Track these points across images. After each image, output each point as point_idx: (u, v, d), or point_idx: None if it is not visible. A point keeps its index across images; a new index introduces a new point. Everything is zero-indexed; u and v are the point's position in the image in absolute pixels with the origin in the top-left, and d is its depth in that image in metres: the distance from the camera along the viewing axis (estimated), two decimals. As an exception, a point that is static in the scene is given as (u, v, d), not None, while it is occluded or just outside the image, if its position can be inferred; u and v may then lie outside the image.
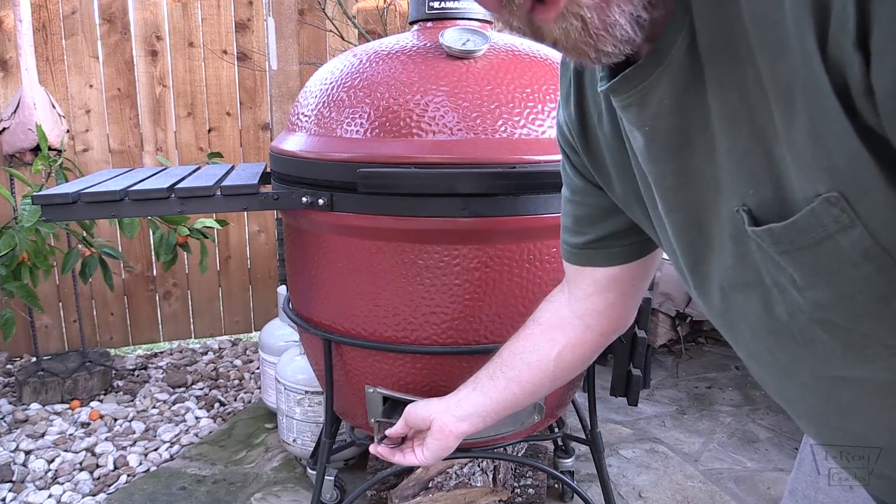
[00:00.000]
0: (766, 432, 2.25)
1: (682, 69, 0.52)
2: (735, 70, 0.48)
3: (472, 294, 1.27)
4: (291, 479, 1.96)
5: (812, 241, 0.47)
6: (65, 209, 1.24)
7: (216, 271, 3.06)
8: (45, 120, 2.44)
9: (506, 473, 1.73)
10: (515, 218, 1.23)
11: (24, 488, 1.93)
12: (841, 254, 0.46)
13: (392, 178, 1.19)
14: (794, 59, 0.42)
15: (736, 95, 0.48)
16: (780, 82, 0.44)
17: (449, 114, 1.22)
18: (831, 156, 0.43)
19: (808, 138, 0.44)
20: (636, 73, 0.55)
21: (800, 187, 0.46)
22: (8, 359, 2.80)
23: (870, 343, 0.51)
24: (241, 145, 3.01)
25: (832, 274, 0.48)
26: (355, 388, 1.42)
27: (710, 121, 0.52)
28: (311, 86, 1.41)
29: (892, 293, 0.46)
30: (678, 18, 0.51)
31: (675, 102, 0.54)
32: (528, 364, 0.94)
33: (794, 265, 0.50)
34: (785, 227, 0.47)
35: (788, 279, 0.51)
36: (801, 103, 0.43)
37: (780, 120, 0.45)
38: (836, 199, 0.44)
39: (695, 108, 0.53)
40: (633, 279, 0.85)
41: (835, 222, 0.45)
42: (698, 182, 0.57)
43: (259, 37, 2.95)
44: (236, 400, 2.50)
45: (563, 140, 0.79)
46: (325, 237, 1.34)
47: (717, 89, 0.50)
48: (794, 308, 0.53)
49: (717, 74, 0.49)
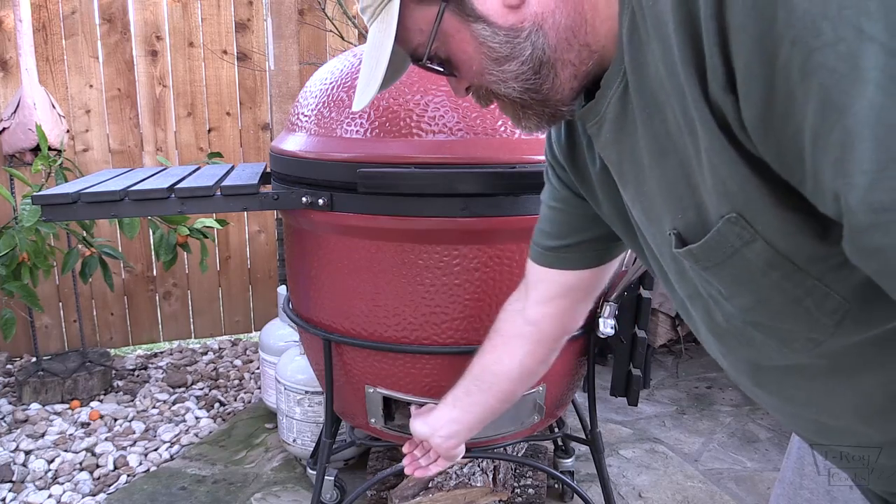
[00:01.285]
0: (766, 432, 2.25)
1: (618, 110, 0.61)
2: (659, 111, 0.55)
3: (471, 294, 1.27)
4: (291, 479, 1.96)
5: (724, 256, 0.53)
6: (65, 209, 1.24)
7: (216, 271, 3.06)
8: (45, 120, 2.44)
9: (506, 473, 1.73)
10: (515, 218, 1.23)
11: (24, 488, 1.93)
12: (749, 265, 0.52)
13: (392, 178, 1.19)
14: (690, 102, 0.49)
15: (662, 131, 0.55)
16: (687, 120, 0.51)
17: (449, 114, 1.22)
18: (726, 182, 0.49)
19: (708, 168, 0.50)
20: (593, 106, 0.64)
21: (713, 211, 0.53)
22: (8, 359, 2.80)
23: (796, 337, 0.56)
24: (241, 145, 3.01)
25: (747, 283, 0.54)
26: (355, 388, 1.42)
27: (641, 156, 0.60)
28: (311, 86, 1.41)
29: (802, 294, 0.52)
30: (616, 66, 0.59)
31: (614, 138, 0.63)
32: (496, 375, 1.02)
33: (717, 279, 0.56)
34: (700, 246, 0.54)
35: (716, 290, 0.58)
36: (701, 139, 0.50)
37: (692, 153, 0.52)
38: (736, 219, 0.50)
39: (627, 144, 0.61)
40: (591, 286, 0.93)
41: (738, 238, 0.51)
42: (640, 208, 0.65)
43: (259, 37, 2.95)
44: (236, 400, 2.50)
45: (550, 153, 0.85)
46: (325, 237, 1.34)
47: (646, 127, 0.57)
48: (728, 314, 0.59)
49: (646, 114, 0.57)
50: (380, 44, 0.66)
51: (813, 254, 0.50)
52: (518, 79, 0.64)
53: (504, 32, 0.62)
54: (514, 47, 0.62)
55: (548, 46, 0.62)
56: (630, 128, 0.60)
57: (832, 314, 0.52)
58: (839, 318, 0.52)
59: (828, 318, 0.53)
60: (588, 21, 0.61)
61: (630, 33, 0.55)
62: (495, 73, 0.65)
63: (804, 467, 0.86)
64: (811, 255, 0.50)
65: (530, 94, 0.65)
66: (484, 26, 0.62)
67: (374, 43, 0.67)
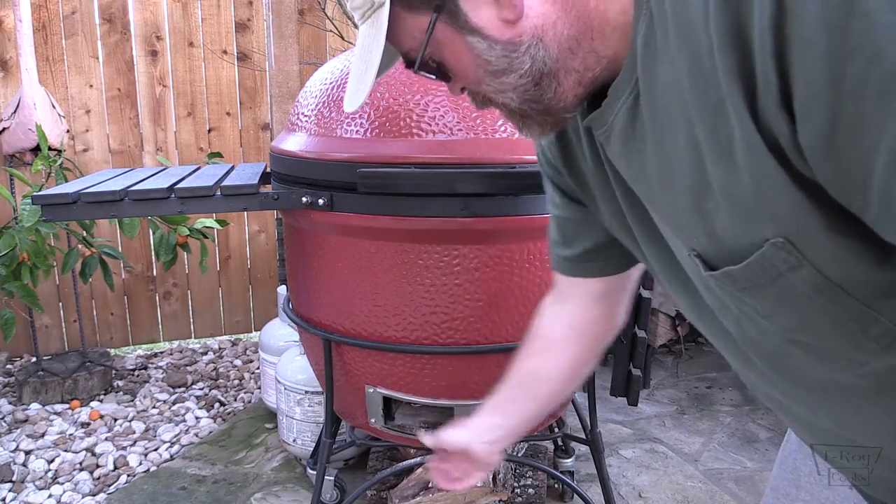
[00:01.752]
0: (766, 432, 2.25)
1: (626, 123, 0.57)
2: (669, 130, 0.51)
3: (472, 294, 1.27)
4: (291, 479, 1.96)
5: (767, 279, 0.51)
6: (65, 209, 1.24)
7: (216, 271, 3.06)
8: (45, 120, 2.44)
9: (506, 473, 1.73)
10: (515, 218, 1.23)
11: (24, 488, 1.93)
12: (794, 289, 0.50)
13: (392, 178, 1.19)
14: (732, 119, 0.45)
15: (671, 151, 0.52)
16: (720, 139, 0.47)
17: (449, 114, 1.22)
18: (773, 205, 0.46)
19: (750, 190, 0.47)
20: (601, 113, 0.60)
21: (743, 234, 0.50)
22: (8, 359, 2.80)
23: (838, 357, 0.54)
24: (241, 145, 3.01)
25: (791, 305, 0.52)
26: (355, 388, 1.42)
27: (650, 173, 0.57)
28: (311, 86, 1.41)
29: (849, 318, 0.50)
30: (627, 74, 0.55)
31: (622, 150, 0.59)
32: (541, 381, 1.00)
33: (756, 300, 0.54)
34: (741, 269, 0.51)
35: (753, 309, 0.55)
36: (740, 160, 0.46)
37: (719, 175, 0.49)
38: (783, 244, 0.48)
39: (635, 158, 0.58)
40: (624, 285, 0.89)
41: (784, 263, 0.49)
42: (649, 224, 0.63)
43: (259, 37, 2.95)
44: (236, 400, 2.50)
45: (544, 159, 0.83)
46: (325, 237, 1.34)
47: (655, 145, 0.54)
48: (764, 331, 0.56)
49: (655, 132, 0.53)
50: (369, 48, 0.63)
51: (864, 280, 0.48)
52: (517, 90, 0.60)
53: (501, 46, 0.58)
54: (512, 61, 0.58)
55: (549, 58, 0.58)
56: (639, 143, 0.56)
57: (879, 339, 0.50)
58: (887, 343, 0.50)
59: (874, 343, 0.51)
60: (595, 28, 0.57)
61: (646, 41, 0.51)
62: (493, 84, 0.61)
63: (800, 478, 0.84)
64: (862, 280, 0.48)
65: (530, 105, 0.62)
66: (479, 39, 0.58)
67: (363, 46, 0.64)
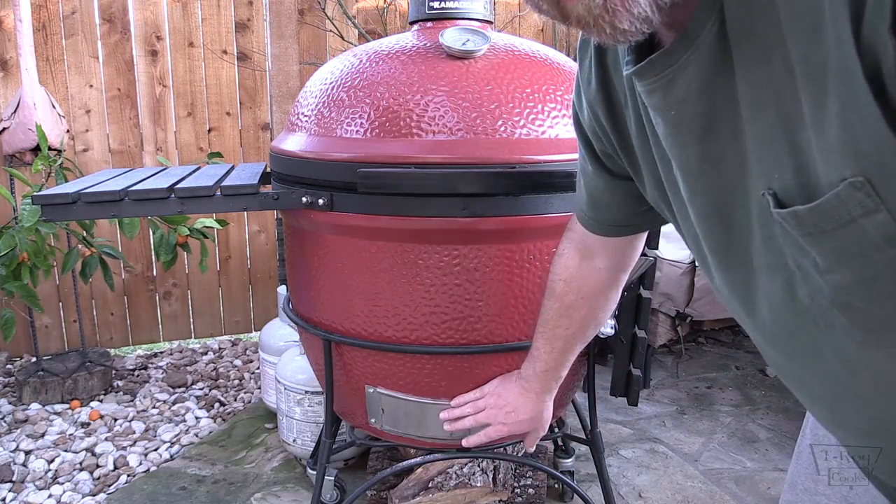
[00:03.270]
0: (766, 432, 2.25)
1: (712, 53, 0.53)
2: (764, 55, 0.48)
3: (472, 294, 1.27)
4: (291, 479, 1.96)
5: (836, 224, 0.47)
6: (65, 209, 1.24)
7: (216, 271, 3.06)
8: (45, 120, 2.44)
9: (506, 473, 1.73)
10: (515, 218, 1.23)
11: (24, 488, 1.93)
12: (864, 238, 0.47)
13: (392, 178, 1.19)
14: (828, 42, 0.42)
15: (763, 80, 0.49)
16: (813, 66, 0.44)
17: (449, 114, 1.22)
18: (859, 141, 0.43)
19: (837, 123, 0.44)
20: (663, 58, 0.56)
21: (824, 172, 0.46)
22: (8, 359, 2.80)
23: (889, 327, 0.51)
24: (241, 145, 3.01)
25: (854, 258, 0.49)
26: (355, 388, 1.42)
27: (738, 105, 0.53)
28: (311, 86, 1.41)
29: None
30: (708, 3, 0.52)
31: (703, 87, 0.55)
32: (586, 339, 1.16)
33: (818, 248, 0.50)
34: (809, 210, 0.48)
35: (811, 262, 0.52)
36: (832, 88, 0.43)
37: (809, 104, 0.46)
38: (862, 184, 0.44)
39: (722, 92, 0.54)
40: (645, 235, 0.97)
41: (859, 206, 0.45)
42: (723, 166, 0.57)
43: (259, 37, 2.95)
44: (236, 400, 2.50)
45: (582, 122, 0.81)
46: (325, 237, 1.34)
47: (746, 74, 0.51)
48: (816, 291, 0.54)
49: (746, 59, 0.50)
50: None
51: None
52: None
53: None
54: None
55: None
56: (725, 74, 0.53)
57: None
58: None
59: None
60: None
61: None
62: None
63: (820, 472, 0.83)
64: None
65: None
66: None
67: None
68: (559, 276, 1.07)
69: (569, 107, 1.29)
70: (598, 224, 0.92)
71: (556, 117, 1.27)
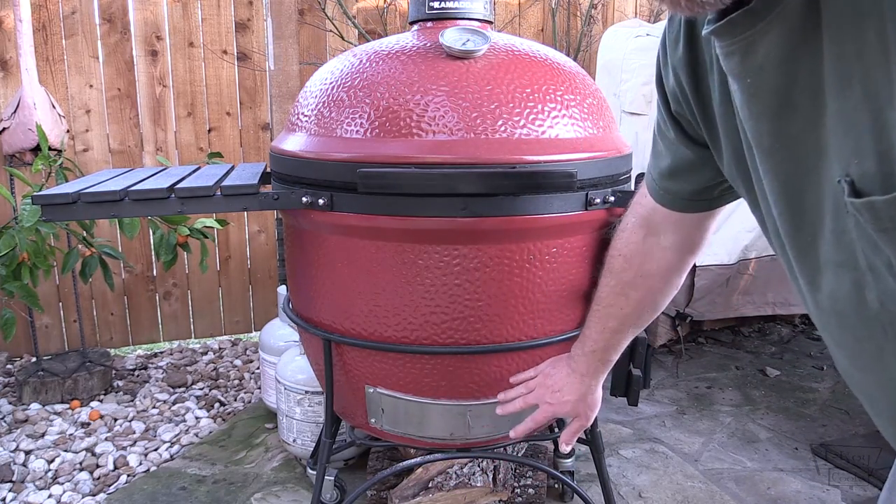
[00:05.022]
0: (766, 432, 2.25)
1: (798, 19, 0.48)
2: (857, 25, 0.44)
3: (472, 294, 1.27)
4: (291, 479, 1.96)
5: None
6: (65, 209, 1.23)
7: (216, 271, 3.06)
8: (45, 120, 2.44)
9: (506, 473, 1.73)
10: (515, 218, 1.23)
11: (24, 488, 1.93)
12: None
13: (392, 178, 1.19)
14: None
15: (853, 55, 0.44)
16: None
17: (449, 114, 1.22)
18: None
19: None
20: (744, 17, 0.51)
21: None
22: (8, 359, 2.80)
23: None
24: (241, 145, 3.01)
25: None
26: (355, 388, 1.42)
27: (822, 79, 0.48)
28: (311, 86, 1.41)
29: None
30: None
31: (785, 56, 0.50)
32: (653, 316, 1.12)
33: (894, 246, 0.46)
34: (886, 201, 0.44)
35: (885, 262, 0.47)
36: None
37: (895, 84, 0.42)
38: None
39: (806, 64, 0.49)
40: (718, 217, 0.91)
41: None
42: (797, 147, 0.53)
43: (259, 37, 2.95)
44: (236, 400, 2.50)
45: (665, 83, 0.76)
46: (325, 237, 1.34)
47: (835, 45, 0.46)
48: (887, 296, 0.49)
49: (837, 28, 0.46)
50: None
51: None
52: None
53: None
54: None
55: None
56: (811, 43, 0.48)
57: None
58: None
59: None
60: None
61: None
62: None
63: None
64: None
65: None
66: None
67: None
68: (619, 251, 1.02)
69: (568, 107, 1.29)
70: (670, 196, 0.87)
71: (556, 117, 1.27)
